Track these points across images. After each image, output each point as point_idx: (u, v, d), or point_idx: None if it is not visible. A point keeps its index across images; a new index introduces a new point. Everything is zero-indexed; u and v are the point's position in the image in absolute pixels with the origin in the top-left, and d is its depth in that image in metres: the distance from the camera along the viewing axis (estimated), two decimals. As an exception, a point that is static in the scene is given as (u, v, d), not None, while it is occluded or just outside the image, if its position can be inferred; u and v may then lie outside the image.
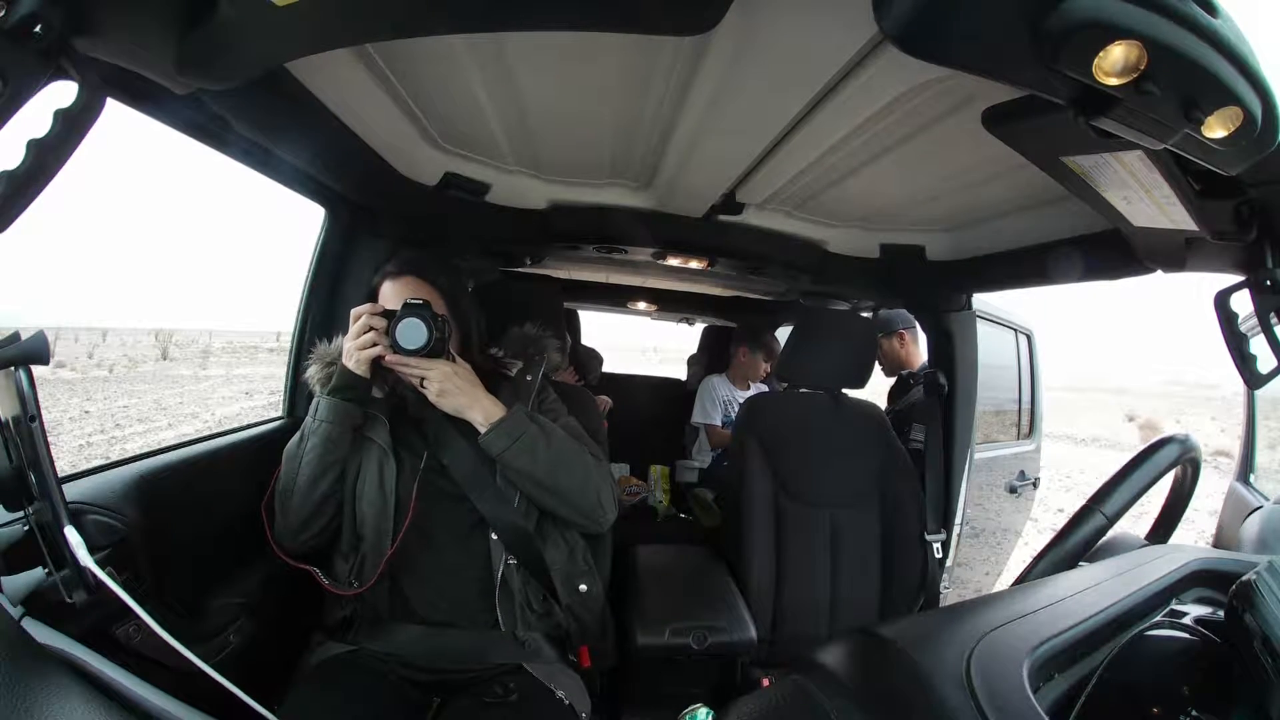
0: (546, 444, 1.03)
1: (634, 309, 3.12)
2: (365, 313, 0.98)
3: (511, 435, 1.00)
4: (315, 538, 1.02)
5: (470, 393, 1.01)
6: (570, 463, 1.05)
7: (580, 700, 1.00)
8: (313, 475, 0.98)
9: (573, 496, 1.05)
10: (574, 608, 1.08)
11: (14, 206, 0.47)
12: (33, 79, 0.45)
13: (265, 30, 0.54)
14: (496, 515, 1.03)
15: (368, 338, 0.97)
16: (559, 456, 1.04)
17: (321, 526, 1.02)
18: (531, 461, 1.01)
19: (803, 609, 1.54)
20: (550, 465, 1.02)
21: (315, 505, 0.99)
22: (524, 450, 1.01)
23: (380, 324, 0.97)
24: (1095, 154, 0.64)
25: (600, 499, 1.08)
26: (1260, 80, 0.45)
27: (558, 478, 1.03)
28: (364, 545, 1.01)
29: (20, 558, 0.62)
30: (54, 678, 0.46)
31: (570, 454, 1.06)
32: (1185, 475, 0.91)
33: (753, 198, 1.33)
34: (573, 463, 1.05)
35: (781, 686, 0.53)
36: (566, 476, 1.04)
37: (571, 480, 1.05)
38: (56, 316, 42.05)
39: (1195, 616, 0.58)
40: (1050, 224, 1.21)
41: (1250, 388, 0.89)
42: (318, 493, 0.98)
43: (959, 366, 1.74)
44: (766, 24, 0.66)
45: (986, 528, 2.36)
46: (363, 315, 0.98)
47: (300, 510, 0.99)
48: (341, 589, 1.00)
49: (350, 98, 0.92)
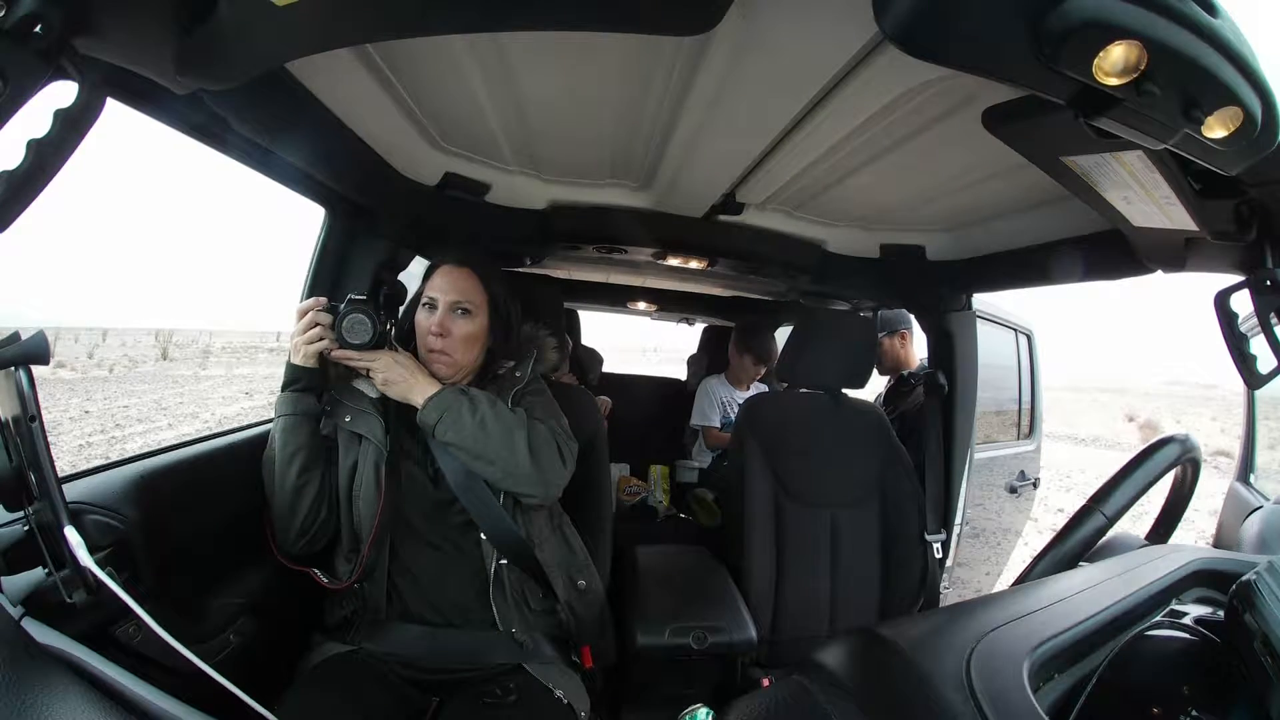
0: (473, 412, 1.02)
1: (634, 309, 3.12)
2: (312, 309, 1.01)
3: (439, 409, 1.01)
4: (310, 541, 1.03)
5: (410, 379, 1.04)
6: (504, 429, 1.03)
7: (579, 700, 1.00)
8: (282, 468, 1.00)
9: (504, 462, 1.02)
10: (573, 604, 1.08)
11: (14, 206, 0.47)
12: (33, 79, 0.45)
13: (265, 30, 0.54)
14: (483, 515, 1.03)
15: (314, 333, 1.00)
16: (486, 422, 1.02)
17: (312, 525, 1.02)
18: (459, 432, 1.01)
19: (803, 609, 1.54)
20: (477, 431, 1.01)
21: (291, 497, 1.00)
22: (452, 422, 1.01)
23: (326, 319, 1.01)
24: (1095, 154, 0.64)
25: (538, 462, 1.04)
26: (1260, 80, 0.45)
27: (487, 444, 1.01)
28: (364, 545, 1.01)
29: (20, 558, 0.62)
30: (54, 678, 0.46)
31: (503, 421, 1.03)
32: (1185, 475, 0.92)
33: (753, 198, 1.33)
34: (506, 429, 1.03)
35: (782, 686, 0.53)
36: (497, 443, 1.02)
37: (502, 446, 1.02)
38: (56, 316, 42.08)
39: (1195, 616, 0.58)
40: (1050, 224, 1.21)
41: (1250, 388, 0.89)
42: (289, 484, 1.00)
43: (959, 366, 1.74)
44: (766, 24, 0.66)
45: (986, 528, 2.36)
46: (309, 311, 1.00)
47: (281, 508, 1.00)
48: (336, 584, 1.02)
49: (350, 98, 0.92)
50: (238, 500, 1.06)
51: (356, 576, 1.01)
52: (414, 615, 1.02)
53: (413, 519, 1.05)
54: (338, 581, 1.03)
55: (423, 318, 1.09)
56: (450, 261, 1.12)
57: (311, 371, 1.03)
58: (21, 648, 0.48)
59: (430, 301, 1.10)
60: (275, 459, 1.00)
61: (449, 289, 1.09)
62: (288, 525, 1.01)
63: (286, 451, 1.00)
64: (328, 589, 1.04)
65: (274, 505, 1.01)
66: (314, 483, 1.02)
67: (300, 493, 1.00)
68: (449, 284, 1.10)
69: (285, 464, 1.00)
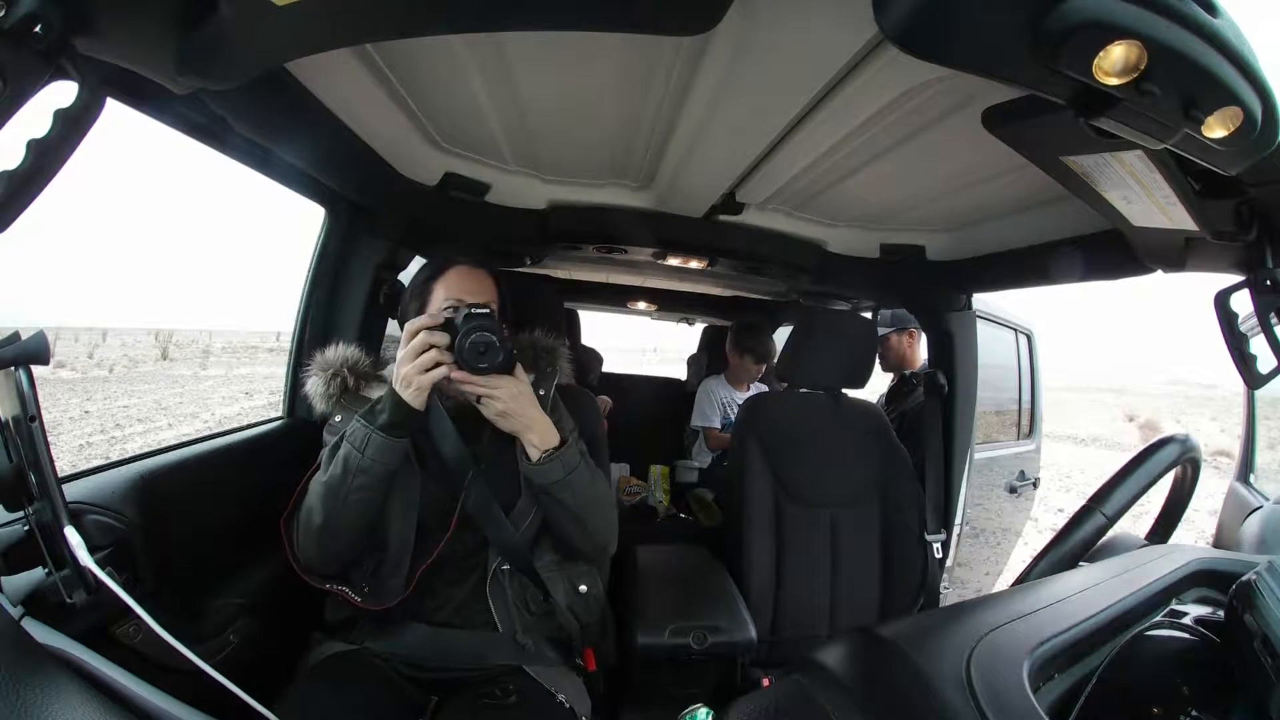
0: (591, 480, 1.01)
1: (634, 309, 3.12)
2: (425, 326, 0.87)
3: (567, 467, 0.96)
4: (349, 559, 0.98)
5: (530, 414, 0.95)
6: (603, 503, 1.05)
7: (580, 703, 1.00)
8: (361, 514, 0.91)
9: (596, 535, 1.04)
10: (574, 608, 1.08)
11: (14, 206, 0.47)
12: (33, 79, 0.45)
13: (265, 30, 0.54)
14: (497, 536, 1.00)
15: (428, 357, 0.86)
16: (596, 495, 1.02)
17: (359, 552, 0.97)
18: (574, 496, 0.98)
19: (803, 609, 1.54)
20: (587, 502, 1.00)
21: (360, 536, 0.93)
22: (574, 483, 0.97)
23: (443, 340, 0.87)
24: (1095, 154, 0.64)
25: (610, 542, 1.08)
26: (1260, 80, 0.45)
27: (589, 514, 1.01)
28: (388, 555, 0.97)
29: (20, 558, 0.62)
30: (54, 678, 0.46)
31: (604, 495, 1.05)
32: (1185, 475, 0.92)
33: (753, 198, 1.33)
34: (605, 504, 1.05)
35: (782, 686, 0.53)
36: (596, 516, 1.03)
37: (599, 520, 1.04)
38: (56, 316, 42.09)
39: (1195, 616, 0.58)
40: (1050, 224, 1.21)
41: (1250, 388, 0.89)
42: (365, 527, 0.93)
43: (959, 366, 1.74)
44: (766, 24, 0.66)
45: (986, 528, 2.36)
46: (421, 331, 0.86)
47: (345, 546, 0.94)
48: (370, 603, 0.96)
49: (350, 98, 0.92)
50: (238, 500, 1.06)
51: (407, 595, 0.95)
52: (419, 615, 1.01)
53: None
54: (374, 600, 0.96)
55: None
56: (465, 262, 1.04)
57: (419, 414, 0.89)
58: (21, 648, 0.48)
59: (455, 305, 0.98)
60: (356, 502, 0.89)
61: (473, 291, 0.99)
62: (337, 555, 0.94)
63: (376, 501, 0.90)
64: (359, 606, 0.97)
65: (330, 540, 0.92)
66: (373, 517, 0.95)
67: (363, 529, 0.94)
68: (471, 286, 1.00)
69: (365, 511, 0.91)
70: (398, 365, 0.89)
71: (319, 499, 0.90)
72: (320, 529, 0.90)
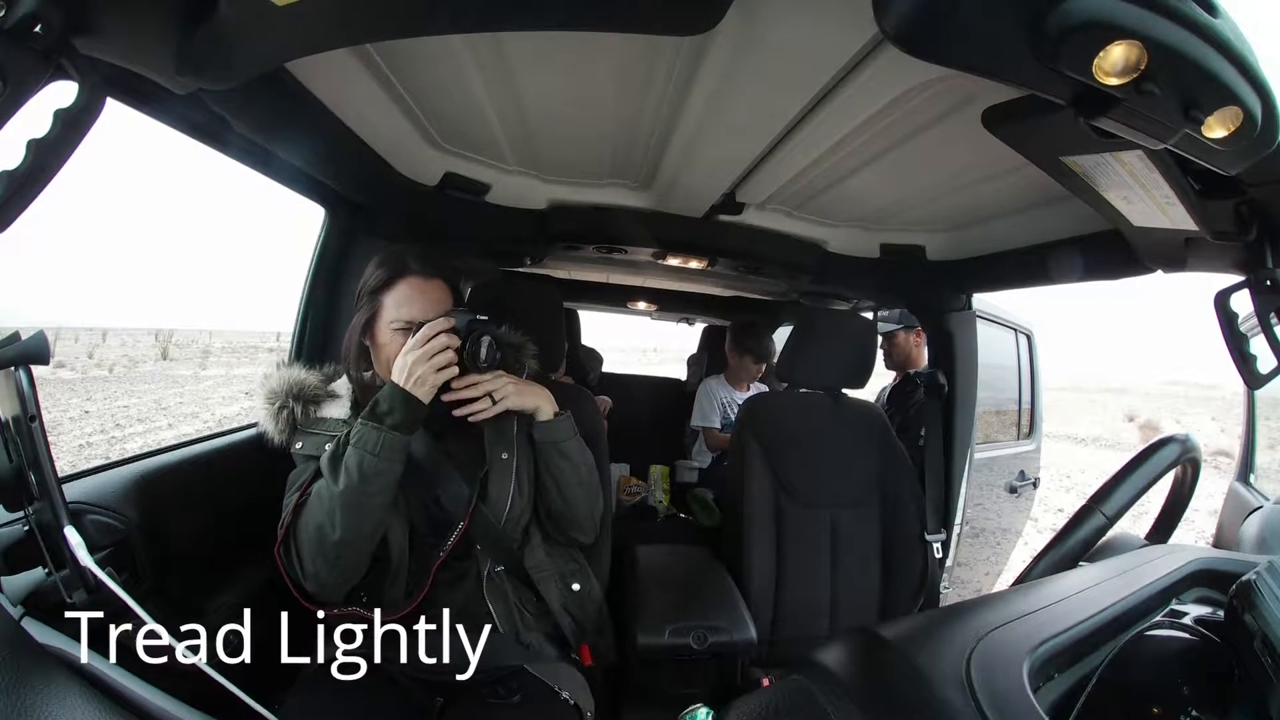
0: (581, 450, 1.08)
1: (634, 309, 3.12)
2: (442, 329, 0.90)
3: (572, 429, 1.06)
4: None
5: (531, 388, 1.05)
6: (591, 470, 1.11)
7: (584, 700, 1.00)
8: (379, 521, 0.90)
9: (589, 494, 1.09)
10: (569, 606, 1.08)
11: (14, 206, 0.47)
12: (33, 79, 0.45)
13: (265, 30, 0.54)
14: (483, 535, 1.01)
15: (444, 357, 0.90)
16: (588, 461, 1.10)
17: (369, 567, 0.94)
18: (575, 457, 1.06)
19: (803, 609, 1.54)
20: (581, 465, 1.07)
21: (372, 547, 0.91)
22: (575, 447, 1.06)
23: (456, 342, 0.91)
24: (1095, 154, 0.64)
25: (596, 509, 1.12)
26: (1260, 80, 0.45)
27: (586, 477, 1.08)
28: (390, 563, 0.96)
29: (20, 558, 0.62)
30: (54, 678, 0.46)
31: (592, 464, 1.11)
32: (1185, 475, 0.91)
33: (753, 198, 1.33)
34: (593, 471, 1.11)
35: (781, 686, 0.53)
36: (589, 479, 1.09)
37: (591, 482, 1.10)
38: (56, 316, 42.03)
39: (1195, 616, 0.58)
40: (1050, 224, 1.21)
41: (1250, 388, 0.89)
42: (379, 536, 0.91)
43: (959, 366, 1.74)
44: (766, 24, 0.66)
45: (986, 528, 2.36)
46: (438, 333, 0.90)
47: (364, 558, 0.91)
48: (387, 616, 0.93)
49: (350, 98, 0.92)
50: (237, 500, 1.06)
51: (416, 605, 0.94)
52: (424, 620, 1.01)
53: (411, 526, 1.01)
54: (389, 613, 0.93)
55: (394, 342, 0.96)
56: (418, 272, 0.99)
57: (425, 411, 0.91)
58: (21, 648, 0.48)
59: (405, 326, 0.96)
60: (377, 506, 0.88)
61: (426, 310, 0.96)
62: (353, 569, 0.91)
63: (384, 499, 0.89)
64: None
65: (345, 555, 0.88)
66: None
67: (376, 538, 0.92)
68: (425, 303, 0.98)
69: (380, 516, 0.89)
70: (407, 364, 0.90)
71: (333, 514, 0.86)
72: (338, 544, 0.87)
